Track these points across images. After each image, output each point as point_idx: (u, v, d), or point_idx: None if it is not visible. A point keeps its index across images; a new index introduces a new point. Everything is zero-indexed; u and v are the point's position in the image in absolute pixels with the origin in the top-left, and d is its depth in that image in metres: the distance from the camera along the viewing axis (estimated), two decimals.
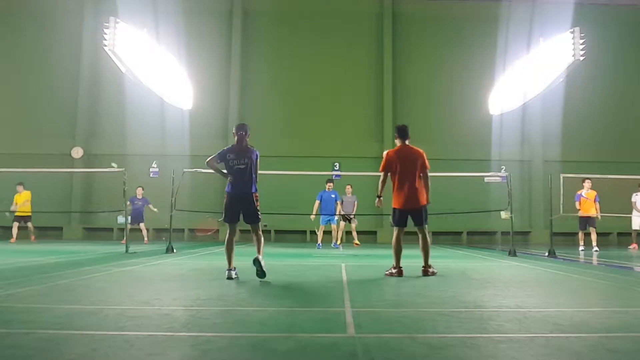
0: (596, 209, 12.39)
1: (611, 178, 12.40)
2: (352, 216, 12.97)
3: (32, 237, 13.82)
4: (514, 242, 10.17)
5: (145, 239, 13.89)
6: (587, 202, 12.31)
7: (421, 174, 6.06)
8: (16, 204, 13.85)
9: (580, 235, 12.60)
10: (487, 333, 2.73)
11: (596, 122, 18.86)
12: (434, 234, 18.13)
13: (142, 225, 13.75)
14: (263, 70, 19.28)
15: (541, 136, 18.92)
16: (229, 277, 5.14)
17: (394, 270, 5.87)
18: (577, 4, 18.25)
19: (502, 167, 17.73)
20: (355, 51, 19.43)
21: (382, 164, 6.16)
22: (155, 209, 13.55)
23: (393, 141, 20.61)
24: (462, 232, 18.24)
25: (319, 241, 12.81)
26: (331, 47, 19.36)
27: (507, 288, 4.80)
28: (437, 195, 18.33)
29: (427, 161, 6.14)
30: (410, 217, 6.04)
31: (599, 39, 17.41)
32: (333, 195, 12.79)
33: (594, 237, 12.30)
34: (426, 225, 6.07)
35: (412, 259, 8.75)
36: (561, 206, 10.49)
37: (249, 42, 19.34)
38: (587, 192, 12.40)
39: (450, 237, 18.08)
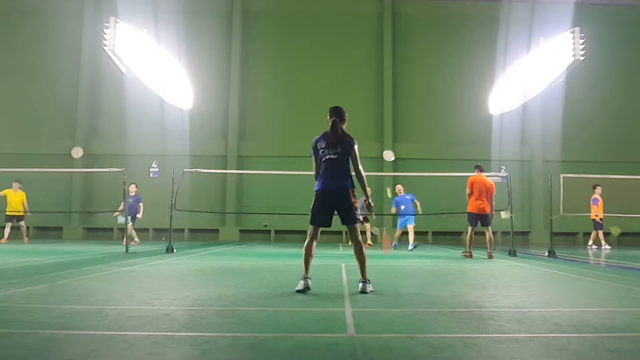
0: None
1: (611, 178, 12.53)
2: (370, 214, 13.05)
3: (25, 239, 13.47)
4: (514, 242, 10.18)
5: (135, 239, 13.08)
6: (601, 205, 13.51)
7: (491, 196, 9.33)
8: (4, 195, 13.35)
9: (602, 235, 13.64)
10: (487, 333, 2.73)
11: (596, 122, 18.88)
12: (434, 233, 18.16)
13: (129, 225, 12.50)
14: (263, 70, 19.30)
15: (541, 136, 18.93)
16: (306, 287, 4.20)
17: (467, 253, 9.16)
18: (577, 4, 18.26)
19: (502, 167, 17.74)
20: (355, 51, 19.44)
21: (469, 186, 9.29)
22: (140, 214, 12.90)
23: (393, 141, 20.62)
24: (462, 232, 18.23)
25: (396, 241, 12.95)
26: (331, 47, 19.37)
27: (507, 288, 4.80)
28: (437, 195, 18.41)
29: (494, 190, 9.41)
30: (480, 220, 9.20)
31: (599, 39, 17.43)
32: (408, 197, 12.99)
33: (601, 236, 13.61)
34: (490, 227, 9.27)
35: (413, 259, 8.75)
36: (561, 206, 10.48)
37: (249, 42, 19.36)
38: (599, 196, 13.52)
39: (450, 237, 18.09)
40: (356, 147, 4.47)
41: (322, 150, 4.45)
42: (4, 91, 18.97)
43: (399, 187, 13.22)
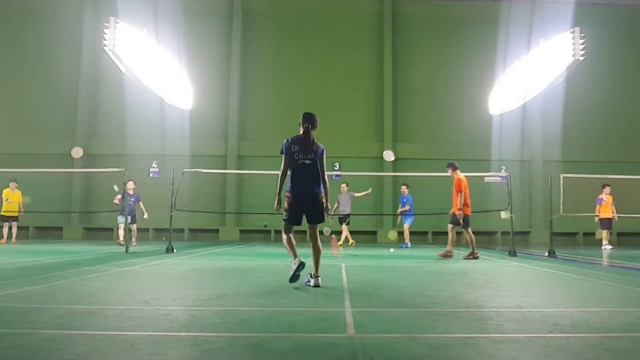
0: (613, 212, 13.63)
1: (611, 178, 12.57)
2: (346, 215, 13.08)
3: (14, 240, 13.27)
4: (514, 242, 10.18)
5: (134, 240, 12.68)
6: (607, 205, 13.56)
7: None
8: (7, 198, 13.28)
9: (606, 234, 13.63)
10: (487, 333, 2.73)
11: (596, 122, 18.87)
12: (434, 233, 18.16)
13: (134, 226, 12.57)
14: (263, 70, 19.29)
15: (541, 136, 18.92)
16: (301, 263, 4.70)
17: (475, 254, 8.93)
18: (577, 4, 18.25)
19: (502, 167, 17.74)
20: (355, 51, 19.43)
21: (464, 188, 8.88)
22: (145, 214, 12.68)
23: (393, 141, 20.62)
24: (461, 233, 18.22)
25: (407, 240, 13.39)
26: (331, 47, 19.37)
27: (507, 288, 4.80)
28: (437, 195, 18.33)
29: None
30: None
31: (599, 39, 17.42)
32: (405, 199, 13.48)
33: (607, 236, 13.65)
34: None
35: (413, 259, 8.76)
36: (561, 206, 10.48)
37: (249, 42, 19.35)
38: (607, 196, 13.56)
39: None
40: (325, 154, 4.90)
41: (296, 153, 4.80)
42: (4, 91, 18.96)
43: (402, 188, 13.61)
